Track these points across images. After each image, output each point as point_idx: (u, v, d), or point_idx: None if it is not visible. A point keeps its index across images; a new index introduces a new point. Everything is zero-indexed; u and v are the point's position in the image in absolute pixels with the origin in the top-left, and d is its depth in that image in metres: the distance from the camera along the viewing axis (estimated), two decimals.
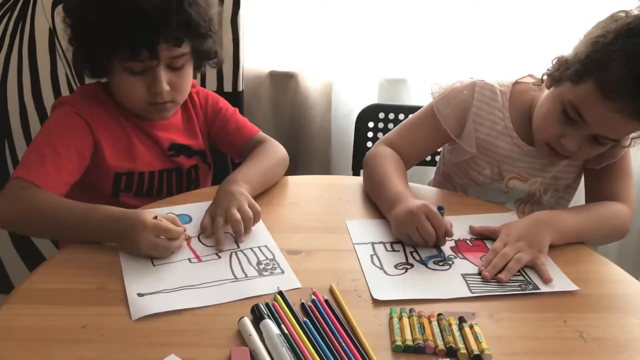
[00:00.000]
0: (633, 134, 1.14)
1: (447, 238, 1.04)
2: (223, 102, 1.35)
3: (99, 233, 0.99)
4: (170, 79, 1.15)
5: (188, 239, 1.02)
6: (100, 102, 1.20)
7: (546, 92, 1.18)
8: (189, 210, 1.12)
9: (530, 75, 1.26)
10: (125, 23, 1.07)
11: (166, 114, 1.23)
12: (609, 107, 1.02)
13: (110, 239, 0.98)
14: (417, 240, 1.03)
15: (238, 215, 1.02)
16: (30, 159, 1.09)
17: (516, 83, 1.25)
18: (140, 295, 0.87)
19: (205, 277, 0.93)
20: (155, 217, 0.96)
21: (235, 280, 0.93)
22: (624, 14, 1.05)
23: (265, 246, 1.02)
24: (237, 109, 1.35)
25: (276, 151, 1.27)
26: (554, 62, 1.14)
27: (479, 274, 0.97)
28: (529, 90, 1.23)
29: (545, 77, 1.17)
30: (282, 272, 0.95)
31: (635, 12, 1.04)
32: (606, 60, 1.01)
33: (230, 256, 0.99)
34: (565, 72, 1.09)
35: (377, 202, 1.17)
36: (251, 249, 1.01)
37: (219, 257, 0.99)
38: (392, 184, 1.15)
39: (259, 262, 0.98)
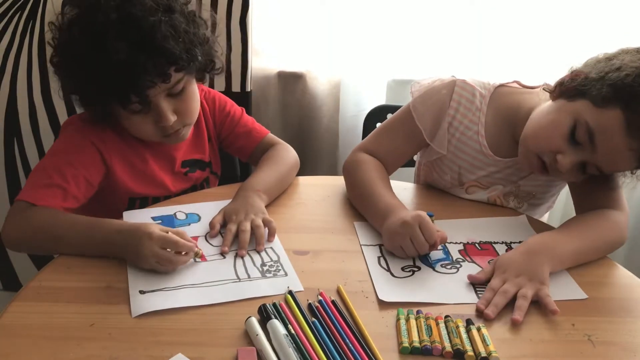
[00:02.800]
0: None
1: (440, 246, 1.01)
2: (230, 105, 1.32)
3: (104, 247, 0.96)
4: (175, 106, 1.09)
5: (200, 255, 0.98)
6: (112, 125, 1.14)
7: (543, 99, 1.10)
8: (199, 209, 1.12)
9: (516, 82, 1.20)
10: (104, 79, 0.99)
11: (184, 137, 1.17)
12: (627, 144, 0.96)
13: (116, 253, 0.95)
14: (409, 252, 1.00)
15: (248, 227, 1.02)
16: (37, 181, 1.05)
17: (500, 86, 1.19)
18: (142, 292, 0.88)
19: (208, 277, 0.93)
20: (166, 232, 0.94)
21: (238, 280, 0.93)
22: None
23: (271, 248, 1.02)
24: (243, 109, 1.34)
25: (289, 155, 1.27)
26: (568, 73, 1.06)
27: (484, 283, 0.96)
28: (512, 94, 1.17)
29: (554, 87, 1.08)
30: (286, 274, 0.95)
31: None
32: None
33: (235, 256, 0.99)
34: (583, 89, 1.00)
35: (364, 214, 1.13)
36: (256, 250, 1.01)
37: (224, 257, 0.99)
38: (380, 195, 1.11)
39: (263, 264, 0.97)
